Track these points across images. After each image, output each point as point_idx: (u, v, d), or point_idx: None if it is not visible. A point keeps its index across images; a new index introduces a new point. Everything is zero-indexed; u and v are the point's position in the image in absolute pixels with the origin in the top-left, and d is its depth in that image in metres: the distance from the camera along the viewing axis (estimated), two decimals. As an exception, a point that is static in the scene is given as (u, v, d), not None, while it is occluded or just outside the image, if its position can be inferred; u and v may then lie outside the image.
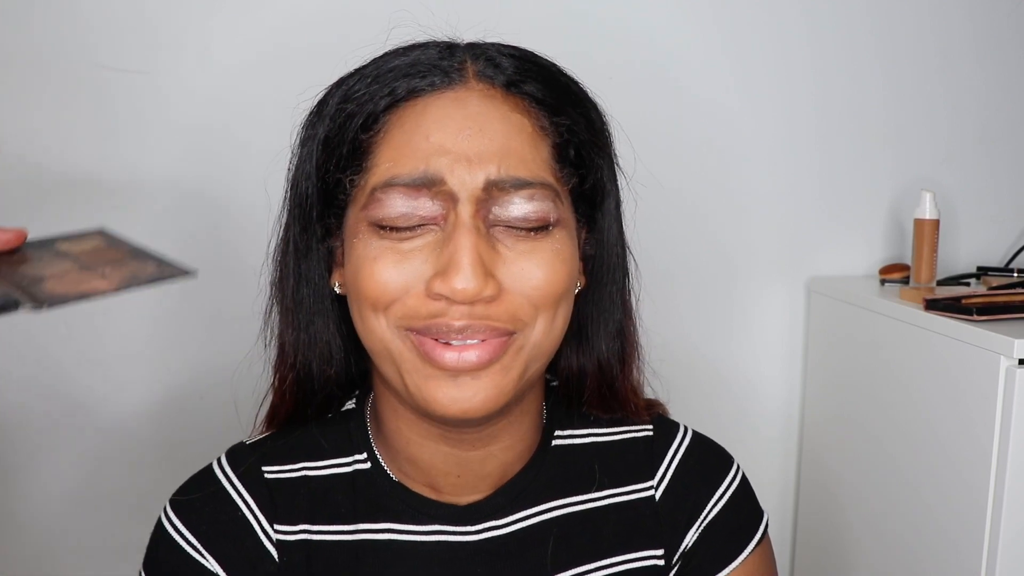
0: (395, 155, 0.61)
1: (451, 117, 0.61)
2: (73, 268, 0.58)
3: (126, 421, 1.22)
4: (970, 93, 1.41)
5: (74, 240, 0.63)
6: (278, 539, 0.68)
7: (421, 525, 0.69)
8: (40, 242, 0.62)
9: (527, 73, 0.63)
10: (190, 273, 0.59)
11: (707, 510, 0.74)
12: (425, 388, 0.61)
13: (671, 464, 0.75)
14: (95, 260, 0.60)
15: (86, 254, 0.61)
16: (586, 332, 0.71)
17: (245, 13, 1.18)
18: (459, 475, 0.69)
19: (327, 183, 0.64)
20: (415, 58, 0.63)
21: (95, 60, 1.14)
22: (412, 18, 0.73)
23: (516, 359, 0.62)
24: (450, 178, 0.59)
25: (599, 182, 0.67)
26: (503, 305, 0.60)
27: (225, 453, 0.72)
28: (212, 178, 1.19)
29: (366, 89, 0.62)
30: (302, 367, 0.68)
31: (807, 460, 1.42)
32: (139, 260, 0.61)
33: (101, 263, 0.60)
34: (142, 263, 0.60)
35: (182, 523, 0.68)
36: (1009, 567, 0.99)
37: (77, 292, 0.55)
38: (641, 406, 0.75)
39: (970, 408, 1.03)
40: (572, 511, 0.72)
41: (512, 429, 0.69)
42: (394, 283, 0.60)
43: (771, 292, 1.40)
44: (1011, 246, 1.45)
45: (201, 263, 1.20)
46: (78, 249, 0.62)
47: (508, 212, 0.60)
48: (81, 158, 1.15)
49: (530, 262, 0.61)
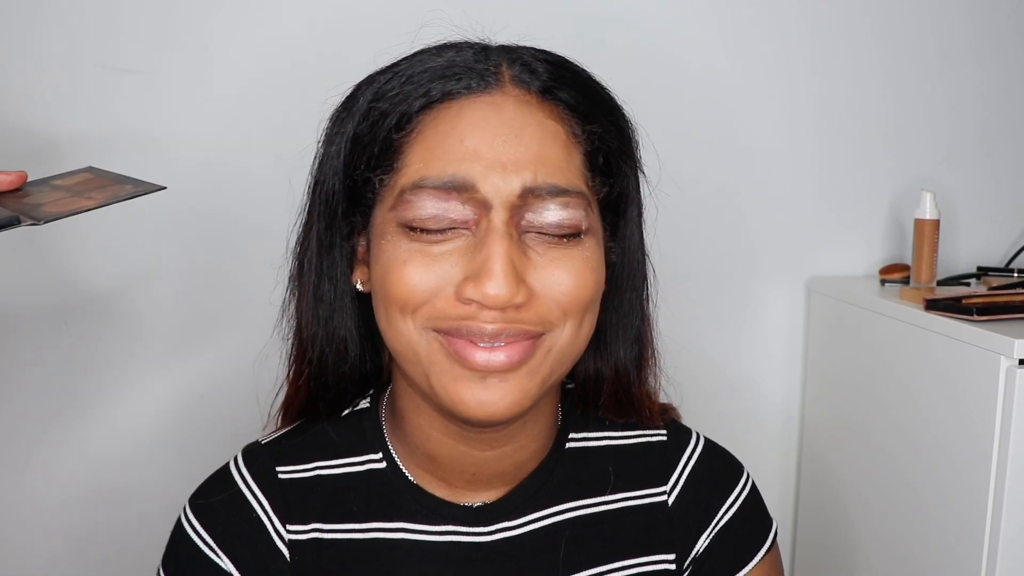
0: (427, 156, 0.61)
1: (487, 121, 0.60)
2: (66, 195, 0.69)
3: (132, 421, 1.22)
4: (970, 93, 1.41)
5: (66, 176, 0.74)
6: (290, 539, 0.69)
7: (434, 525, 0.69)
8: (39, 181, 0.73)
9: (562, 80, 0.63)
10: (162, 188, 0.71)
11: (718, 517, 0.75)
12: (453, 390, 0.61)
13: (684, 470, 0.76)
14: (84, 187, 0.71)
15: (77, 184, 0.72)
16: (604, 337, 0.71)
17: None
18: (474, 472, 0.69)
19: (355, 180, 0.64)
20: (449, 59, 0.62)
21: (99, 60, 1.14)
22: (447, 17, 0.73)
23: (543, 363, 0.62)
24: (483, 185, 0.59)
25: (625, 190, 0.68)
26: (533, 309, 0.60)
27: (241, 453, 0.73)
28: (226, 176, 1.20)
29: (400, 88, 0.62)
30: (318, 361, 0.69)
31: (807, 460, 1.42)
32: (120, 184, 0.72)
33: (89, 189, 0.71)
34: (122, 185, 0.72)
35: (200, 524, 0.69)
36: (1009, 567, 0.99)
37: (68, 210, 0.66)
38: (656, 411, 0.75)
39: (970, 408, 1.03)
40: (585, 513, 0.72)
41: (527, 429, 0.69)
42: (424, 286, 0.60)
43: (771, 292, 1.40)
44: (1011, 246, 1.45)
45: (210, 265, 1.22)
46: (69, 183, 0.72)
47: (542, 219, 0.60)
48: (85, 157, 1.15)
49: (561, 269, 0.61)
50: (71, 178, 0.74)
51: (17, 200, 0.68)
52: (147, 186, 0.71)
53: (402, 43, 0.67)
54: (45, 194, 0.70)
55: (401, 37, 0.70)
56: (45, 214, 0.65)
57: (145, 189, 0.70)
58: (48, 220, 0.65)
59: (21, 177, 0.71)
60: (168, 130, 1.17)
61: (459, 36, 0.66)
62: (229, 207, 1.19)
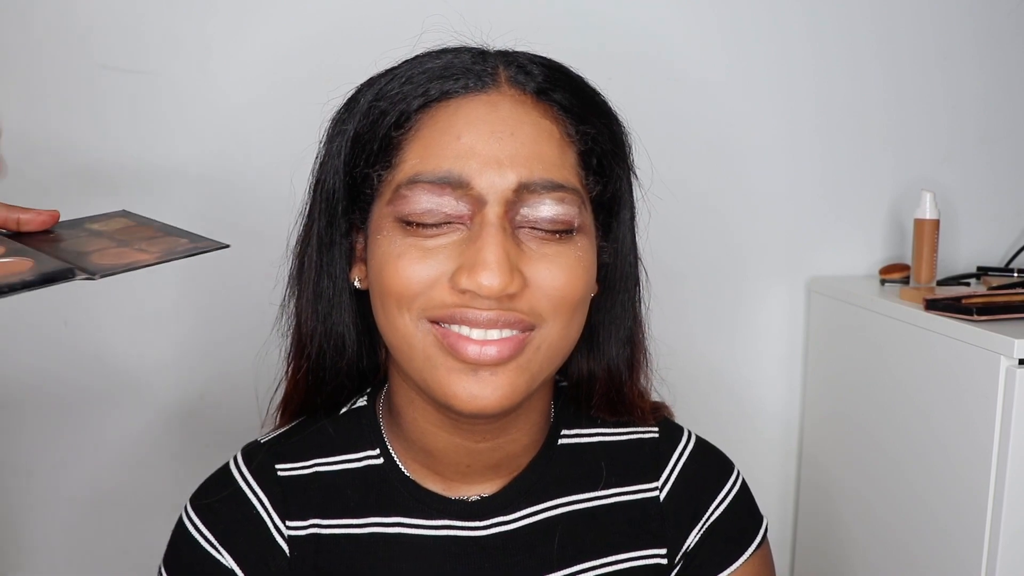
0: (423, 153, 0.62)
1: (483, 119, 0.62)
2: (111, 244, 0.64)
3: (132, 421, 1.22)
4: (970, 93, 1.41)
5: (101, 220, 0.68)
6: (289, 535, 0.70)
7: (431, 519, 0.70)
8: (70, 223, 0.67)
9: (556, 82, 0.65)
10: (224, 245, 0.64)
11: (709, 512, 0.76)
12: (446, 382, 0.62)
13: (676, 467, 0.77)
14: (129, 237, 0.65)
15: (118, 232, 0.66)
16: (597, 338, 0.73)
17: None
18: (468, 464, 0.70)
19: (354, 178, 0.66)
20: (448, 61, 0.64)
21: (99, 60, 1.14)
22: (446, 23, 0.75)
23: (534, 358, 0.63)
24: (478, 181, 0.61)
25: (618, 192, 0.69)
26: (524, 299, 0.62)
27: (241, 452, 0.74)
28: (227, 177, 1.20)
29: (399, 89, 0.64)
30: (316, 357, 0.70)
31: (807, 460, 1.42)
32: (171, 235, 0.66)
33: (135, 239, 0.65)
34: (175, 238, 0.66)
35: (202, 522, 0.70)
36: (1009, 567, 0.99)
37: (123, 264, 0.60)
38: (648, 411, 0.77)
39: (970, 408, 1.03)
40: (578, 508, 0.73)
41: (520, 422, 0.70)
42: (418, 278, 0.61)
43: (771, 292, 1.40)
44: (1011, 246, 1.45)
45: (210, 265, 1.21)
46: (108, 228, 0.67)
47: (537, 213, 0.62)
48: (83, 156, 1.15)
49: (554, 264, 0.63)
50: (107, 223, 0.68)
51: (49, 244, 0.63)
52: (206, 242, 0.65)
53: (403, 47, 0.69)
54: (84, 240, 0.64)
55: (402, 42, 0.71)
56: (99, 267, 0.59)
57: (205, 246, 0.65)
58: (104, 275, 0.59)
59: (53, 217, 0.65)
60: (168, 130, 1.17)
61: (458, 42, 0.67)
62: (230, 207, 1.19)
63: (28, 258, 0.58)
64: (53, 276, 0.57)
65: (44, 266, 0.57)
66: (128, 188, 1.17)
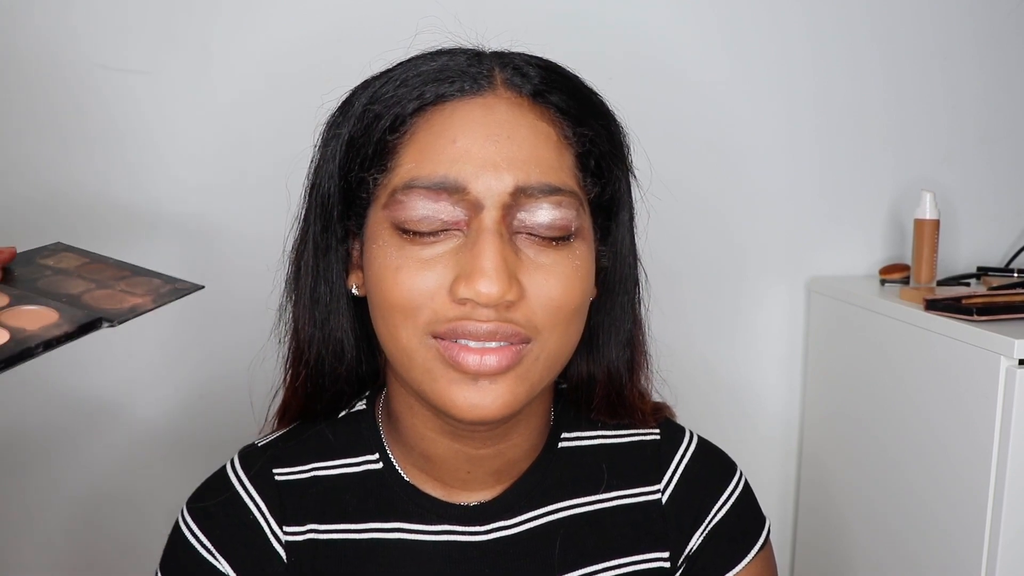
0: (419, 157, 0.61)
1: (479, 122, 0.61)
2: (90, 285, 0.62)
3: (131, 423, 1.22)
4: (970, 93, 1.41)
5: (48, 255, 0.65)
6: (286, 540, 0.69)
7: (431, 525, 0.70)
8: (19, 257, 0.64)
9: (553, 83, 0.64)
10: (199, 287, 0.64)
11: (711, 515, 0.75)
12: (446, 393, 0.62)
13: (678, 469, 0.76)
14: (98, 276, 0.63)
15: (80, 269, 0.64)
16: (597, 341, 0.72)
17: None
18: (469, 471, 0.70)
19: (350, 182, 0.65)
20: (443, 64, 0.63)
21: (99, 60, 1.14)
22: (441, 24, 0.74)
23: (533, 367, 0.63)
24: (474, 185, 0.60)
25: (616, 193, 0.68)
26: (521, 310, 0.61)
27: (238, 455, 0.73)
28: (223, 180, 1.20)
29: (394, 92, 0.63)
30: (315, 363, 0.69)
31: (807, 460, 1.42)
32: (140, 275, 0.64)
33: (107, 279, 0.63)
34: (146, 278, 0.64)
35: (198, 527, 0.70)
36: (1009, 567, 0.99)
37: (128, 307, 0.59)
38: (648, 413, 0.76)
39: (970, 408, 1.03)
40: (579, 512, 0.73)
41: (520, 428, 0.69)
42: (418, 291, 0.61)
43: (771, 292, 1.40)
44: (1011, 246, 1.45)
45: (206, 268, 1.21)
46: (66, 264, 0.64)
47: (535, 218, 0.61)
48: (85, 158, 1.15)
49: (550, 275, 0.62)
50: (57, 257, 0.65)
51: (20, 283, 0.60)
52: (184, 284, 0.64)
53: (397, 49, 0.68)
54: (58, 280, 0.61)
55: (397, 44, 0.71)
56: (112, 312, 0.58)
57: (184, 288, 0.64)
58: (121, 321, 0.57)
59: (11, 253, 0.62)
60: (166, 132, 1.17)
61: (453, 43, 0.67)
62: (226, 211, 1.19)
63: (49, 308, 0.57)
64: (87, 326, 0.56)
65: (72, 315, 0.56)
66: (130, 191, 1.17)
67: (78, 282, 0.62)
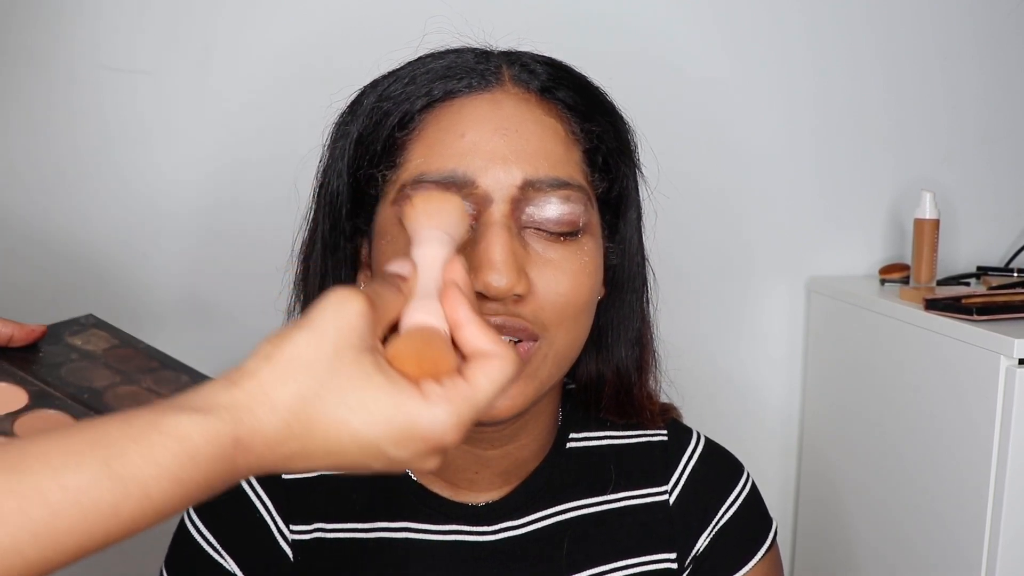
0: (428, 152, 0.62)
1: (487, 117, 0.62)
2: (116, 378, 0.59)
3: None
4: (970, 93, 1.41)
5: (77, 333, 0.64)
6: (293, 539, 0.69)
7: (439, 524, 0.70)
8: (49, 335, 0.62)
9: (560, 80, 0.65)
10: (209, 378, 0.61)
11: (719, 516, 0.76)
12: None
13: (685, 470, 0.76)
14: (126, 367, 0.61)
15: (107, 355, 0.62)
16: (605, 340, 0.72)
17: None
18: (477, 471, 0.70)
19: (358, 180, 0.65)
20: (451, 61, 0.64)
21: (99, 60, 1.14)
22: (449, 25, 0.74)
23: (541, 366, 0.63)
24: (483, 179, 0.60)
25: (624, 191, 0.69)
26: (529, 306, 0.61)
27: None
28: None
29: (403, 89, 0.63)
30: None
31: (807, 460, 1.42)
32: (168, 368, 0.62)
33: (134, 371, 0.61)
34: (175, 372, 0.62)
35: (204, 525, 0.70)
36: (1009, 567, 0.99)
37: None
38: (656, 412, 0.76)
39: (970, 408, 1.03)
40: (587, 512, 0.73)
41: (528, 428, 0.70)
42: None
43: (771, 292, 1.40)
44: (1011, 246, 1.45)
45: (213, 269, 1.21)
46: (93, 347, 0.62)
47: (543, 212, 0.61)
48: (84, 157, 1.15)
49: (559, 270, 0.62)
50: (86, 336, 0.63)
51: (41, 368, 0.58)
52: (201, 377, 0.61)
53: (405, 49, 0.68)
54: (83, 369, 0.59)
55: (404, 44, 0.71)
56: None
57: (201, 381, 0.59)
58: None
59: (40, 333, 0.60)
60: (170, 132, 1.17)
61: (461, 43, 0.67)
62: (233, 211, 1.19)
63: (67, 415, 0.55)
64: None
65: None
66: (128, 192, 1.17)
67: (104, 372, 0.60)
